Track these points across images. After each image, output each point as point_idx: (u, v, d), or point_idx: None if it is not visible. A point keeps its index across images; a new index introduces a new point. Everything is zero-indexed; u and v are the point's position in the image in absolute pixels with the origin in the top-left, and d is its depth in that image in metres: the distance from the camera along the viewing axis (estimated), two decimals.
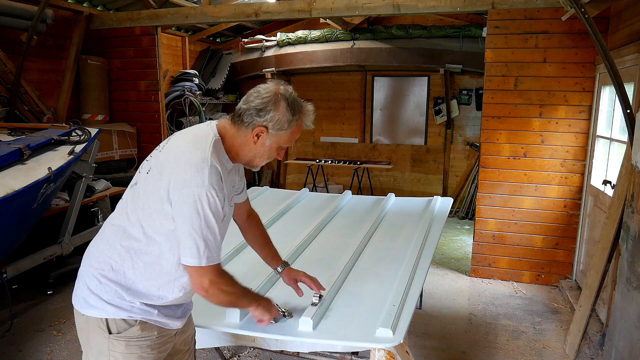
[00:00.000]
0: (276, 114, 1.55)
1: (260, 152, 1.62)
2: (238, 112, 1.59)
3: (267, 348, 2.14)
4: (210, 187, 1.45)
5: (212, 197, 1.46)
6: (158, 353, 1.65)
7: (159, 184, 1.50)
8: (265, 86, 1.59)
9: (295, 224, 3.19)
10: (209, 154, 1.50)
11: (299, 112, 1.59)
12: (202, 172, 1.46)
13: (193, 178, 1.45)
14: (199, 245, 1.47)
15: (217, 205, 1.48)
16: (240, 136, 1.59)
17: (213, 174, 1.47)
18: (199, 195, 1.44)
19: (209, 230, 1.47)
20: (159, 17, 5.42)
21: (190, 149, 1.51)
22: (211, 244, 1.49)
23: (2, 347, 3.39)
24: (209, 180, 1.45)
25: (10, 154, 3.30)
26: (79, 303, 1.61)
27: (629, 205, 2.72)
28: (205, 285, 1.53)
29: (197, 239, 1.47)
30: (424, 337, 3.59)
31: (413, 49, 6.61)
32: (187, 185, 1.45)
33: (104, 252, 1.58)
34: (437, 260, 5.33)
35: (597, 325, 3.59)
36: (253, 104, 1.55)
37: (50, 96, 5.33)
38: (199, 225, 1.46)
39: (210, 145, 1.52)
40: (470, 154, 7.63)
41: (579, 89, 4.32)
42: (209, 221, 1.47)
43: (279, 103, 1.55)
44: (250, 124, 1.56)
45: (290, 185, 8.44)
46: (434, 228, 3.05)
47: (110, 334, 1.56)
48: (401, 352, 1.87)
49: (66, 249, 4.19)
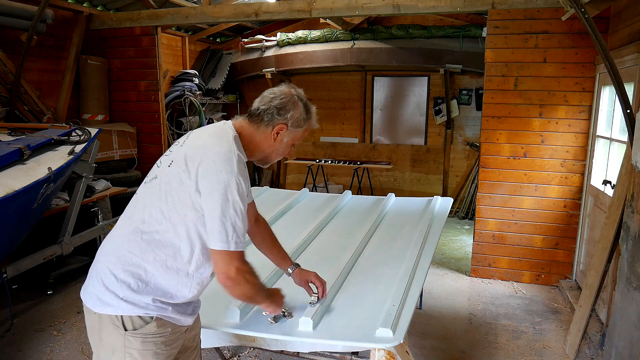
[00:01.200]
0: (295, 112, 1.70)
1: (278, 149, 1.75)
2: (257, 111, 1.70)
3: (267, 348, 2.14)
4: (239, 174, 1.54)
5: (241, 184, 1.54)
6: (171, 349, 1.67)
7: (184, 174, 1.55)
8: (279, 89, 1.73)
9: (295, 224, 3.19)
10: (234, 146, 1.59)
11: (310, 111, 1.77)
12: (231, 160, 1.54)
13: (223, 166, 1.53)
14: (227, 230, 1.52)
15: (244, 192, 1.56)
16: (259, 133, 1.71)
17: (240, 163, 1.57)
18: (228, 182, 1.52)
19: (237, 216, 1.53)
20: (159, 17, 5.42)
21: (217, 141, 1.60)
22: (239, 230, 1.55)
23: (2, 347, 3.39)
24: (237, 168, 1.54)
25: (10, 154, 3.29)
26: (91, 301, 1.60)
27: (629, 205, 2.72)
28: (232, 273, 1.56)
29: (226, 223, 1.52)
30: (424, 337, 3.59)
31: (413, 49, 6.61)
32: (218, 172, 1.52)
33: (123, 247, 1.59)
34: (437, 260, 5.33)
35: (597, 325, 3.59)
36: (273, 104, 1.68)
37: (50, 96, 5.33)
38: (228, 210, 1.52)
39: (232, 139, 1.61)
40: (470, 154, 7.63)
41: (579, 89, 4.32)
42: (237, 207, 1.53)
43: (297, 103, 1.71)
44: (270, 122, 1.69)
45: (290, 185, 8.44)
46: (434, 228, 3.05)
47: (126, 331, 1.57)
48: (401, 352, 1.87)
49: (66, 249, 4.19)
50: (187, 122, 6.96)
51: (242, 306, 1.97)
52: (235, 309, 1.95)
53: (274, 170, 8.70)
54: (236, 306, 1.96)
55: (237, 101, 8.43)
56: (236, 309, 1.94)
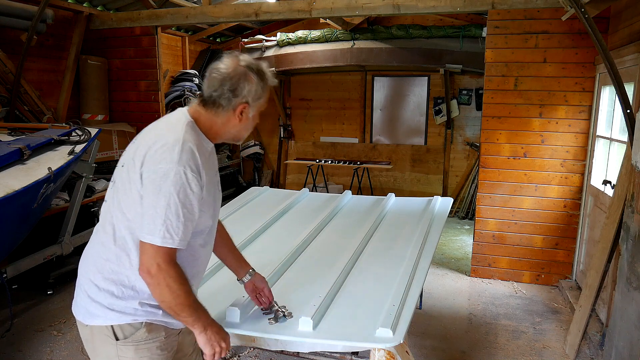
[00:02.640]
0: (252, 86, 1.56)
1: (246, 126, 1.64)
2: (210, 98, 1.56)
3: (267, 348, 2.14)
4: (180, 165, 1.43)
5: (180, 176, 1.42)
6: (167, 353, 1.64)
7: (132, 172, 1.48)
8: (224, 66, 1.55)
9: (295, 224, 3.19)
10: (182, 134, 1.48)
11: (264, 75, 1.60)
12: (173, 150, 1.44)
13: (163, 156, 1.44)
14: (156, 222, 1.42)
15: (187, 186, 1.44)
16: (220, 118, 1.58)
17: (186, 152, 1.45)
18: (166, 172, 1.42)
19: (170, 209, 1.42)
20: (159, 17, 5.42)
21: (162, 133, 1.51)
22: (171, 225, 1.42)
23: (2, 347, 3.39)
24: (179, 158, 1.43)
25: (10, 154, 3.30)
26: (81, 314, 1.58)
27: (629, 205, 2.72)
28: (152, 270, 1.44)
29: (156, 215, 1.42)
30: (424, 337, 3.59)
31: (413, 49, 6.60)
32: (157, 162, 1.44)
33: (101, 256, 1.56)
34: (437, 260, 5.33)
35: (597, 325, 3.59)
36: (225, 87, 1.53)
37: (50, 96, 5.33)
38: (159, 201, 1.42)
39: (183, 126, 1.51)
40: (470, 154, 7.63)
41: (579, 89, 4.32)
42: (171, 199, 1.42)
43: (249, 76, 1.55)
44: (229, 105, 1.56)
45: (290, 185, 8.44)
46: (434, 228, 3.05)
47: (118, 340, 1.54)
48: (401, 352, 1.87)
49: (66, 249, 4.19)
50: None
51: (242, 306, 1.97)
52: (235, 309, 1.95)
53: (274, 170, 8.70)
54: (236, 306, 1.96)
55: None
56: (236, 309, 1.94)
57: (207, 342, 1.58)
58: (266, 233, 3.03)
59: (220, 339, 1.60)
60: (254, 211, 3.45)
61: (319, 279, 2.30)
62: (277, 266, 2.40)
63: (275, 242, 2.87)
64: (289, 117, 8.46)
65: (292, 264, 2.54)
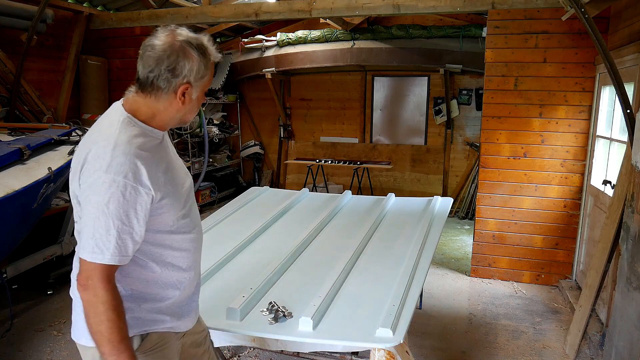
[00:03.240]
0: (193, 64, 1.39)
1: (190, 108, 1.47)
2: (146, 81, 1.38)
3: (267, 348, 2.14)
4: (109, 173, 1.29)
5: (111, 185, 1.29)
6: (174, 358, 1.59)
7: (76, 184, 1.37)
8: (159, 42, 1.37)
9: (295, 224, 3.19)
10: (114, 137, 1.33)
11: (205, 49, 1.43)
12: (103, 157, 1.30)
13: (95, 164, 1.31)
14: (85, 236, 1.31)
15: (119, 195, 1.29)
16: (161, 103, 1.42)
17: (117, 158, 1.30)
18: (94, 182, 1.30)
19: (99, 221, 1.29)
20: (159, 17, 5.42)
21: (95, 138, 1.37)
22: (100, 240, 1.29)
23: (2, 347, 3.39)
24: (107, 165, 1.29)
25: (10, 154, 3.30)
26: (82, 337, 1.46)
27: (629, 205, 2.72)
28: (87, 284, 1.31)
29: (85, 225, 1.31)
30: (424, 337, 3.59)
31: (413, 49, 6.61)
32: (88, 172, 1.32)
33: None
34: (437, 260, 5.33)
35: (597, 325, 3.59)
36: (162, 67, 1.36)
37: (50, 96, 5.33)
38: (90, 212, 1.30)
39: (117, 127, 1.36)
40: (470, 154, 7.63)
41: (579, 89, 4.32)
42: (100, 209, 1.29)
43: (187, 52, 1.38)
44: (169, 87, 1.39)
45: (290, 185, 8.44)
46: (434, 228, 3.05)
47: None
48: (401, 352, 1.87)
49: (66, 249, 4.19)
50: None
51: (242, 306, 1.97)
52: (235, 309, 1.95)
53: (274, 170, 8.70)
54: (236, 306, 1.96)
55: (237, 101, 8.44)
56: (236, 309, 1.94)
57: None
58: (266, 233, 3.03)
59: None
60: (254, 211, 3.45)
61: (319, 279, 2.30)
62: (277, 266, 2.40)
63: (275, 242, 2.87)
64: (289, 117, 8.46)
65: (292, 264, 2.55)
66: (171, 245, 1.50)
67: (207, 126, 7.36)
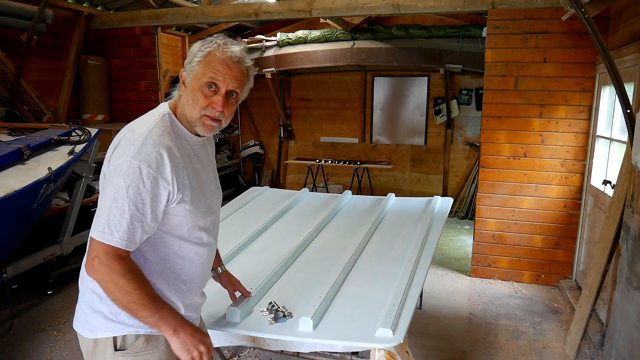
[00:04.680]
0: (190, 52, 1.47)
1: (186, 99, 1.46)
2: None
3: (267, 348, 2.14)
4: (136, 159, 1.32)
5: (135, 170, 1.32)
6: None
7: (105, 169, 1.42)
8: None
9: (295, 224, 3.19)
10: (148, 129, 1.38)
11: (210, 42, 1.46)
12: (133, 143, 1.35)
13: (123, 150, 1.36)
14: (99, 214, 1.34)
15: (140, 182, 1.32)
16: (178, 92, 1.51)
17: (146, 147, 1.34)
18: (120, 165, 1.33)
19: (116, 202, 1.31)
20: (159, 17, 5.42)
21: (132, 127, 1.43)
22: (113, 221, 1.32)
23: (2, 347, 3.39)
24: (136, 152, 1.33)
25: (10, 154, 3.29)
26: (82, 327, 1.52)
27: (629, 205, 2.72)
28: (93, 265, 1.33)
29: (101, 209, 1.34)
30: (424, 337, 3.59)
31: (413, 49, 6.60)
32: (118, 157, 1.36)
33: None
34: (437, 260, 5.33)
35: (597, 325, 3.59)
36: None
37: (50, 96, 5.33)
38: (108, 194, 1.34)
39: (154, 120, 1.42)
40: (470, 154, 7.63)
41: (579, 89, 4.32)
42: (118, 193, 1.32)
43: (195, 44, 1.48)
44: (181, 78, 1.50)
45: (290, 185, 8.44)
46: (434, 228, 3.05)
47: (117, 351, 1.47)
48: (401, 352, 1.87)
49: (66, 249, 4.19)
50: None
51: (242, 306, 1.97)
52: (235, 309, 1.95)
53: (274, 170, 8.70)
54: (236, 306, 1.96)
55: None
56: (236, 309, 1.94)
57: (182, 347, 1.40)
58: (266, 233, 3.03)
59: (197, 342, 1.42)
60: (254, 211, 3.45)
61: (319, 279, 2.30)
62: (278, 266, 2.40)
63: (275, 242, 2.87)
64: (289, 117, 8.46)
65: (292, 264, 2.54)
66: (177, 252, 1.50)
67: None
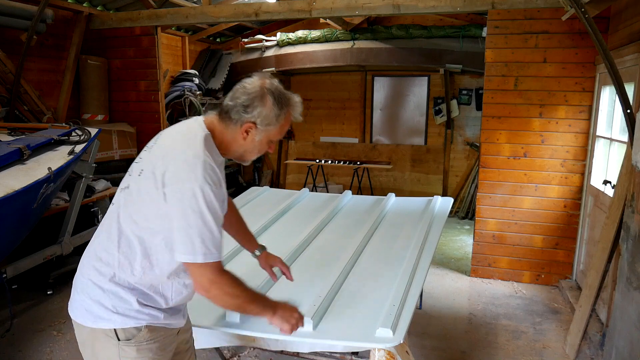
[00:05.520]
0: (263, 110, 1.53)
1: (251, 148, 1.61)
2: (225, 108, 1.56)
3: (267, 348, 2.14)
4: (204, 182, 1.44)
5: (207, 193, 1.44)
6: (167, 353, 1.65)
7: (153, 184, 1.48)
8: (250, 80, 1.56)
9: (295, 224, 3.19)
10: (201, 150, 1.48)
11: (286, 105, 1.58)
12: (196, 167, 1.44)
13: (186, 174, 1.44)
14: (194, 241, 1.44)
15: (213, 200, 1.45)
16: (229, 132, 1.58)
17: (207, 169, 1.46)
18: (193, 191, 1.43)
19: (204, 225, 1.44)
20: (159, 17, 5.42)
21: (181, 146, 1.50)
22: (208, 240, 1.45)
23: (2, 347, 3.39)
24: (202, 175, 1.44)
25: (10, 154, 3.29)
26: (81, 316, 1.56)
27: (629, 205, 2.72)
28: (205, 285, 1.49)
29: (193, 234, 1.44)
30: (424, 337, 3.59)
31: (413, 49, 6.61)
32: (181, 181, 1.44)
33: (101, 259, 1.55)
34: (437, 260, 5.33)
35: (597, 325, 3.59)
36: (239, 101, 1.53)
37: (50, 96, 5.33)
38: (194, 220, 1.44)
39: (201, 141, 1.50)
40: (470, 154, 7.63)
41: (579, 89, 4.32)
42: (204, 217, 1.44)
43: (266, 98, 1.53)
44: (238, 120, 1.55)
45: (290, 185, 8.44)
46: (434, 228, 3.05)
47: (120, 341, 1.54)
48: (401, 352, 1.87)
49: (66, 249, 4.19)
50: None
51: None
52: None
53: (274, 170, 8.70)
54: None
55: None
56: None
57: (282, 321, 1.67)
58: (266, 233, 3.03)
59: (292, 313, 1.70)
60: (254, 211, 3.45)
61: (319, 279, 2.30)
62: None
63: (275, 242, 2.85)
64: None
65: (292, 263, 2.54)
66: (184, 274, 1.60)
67: None
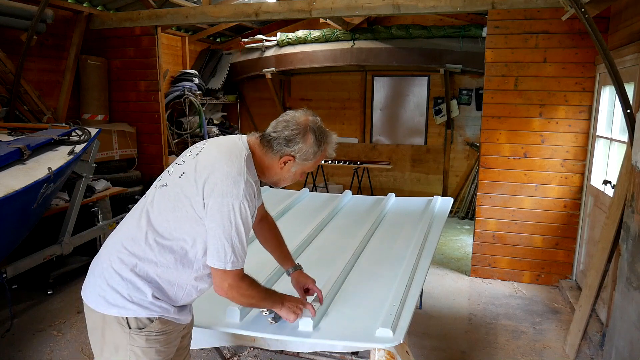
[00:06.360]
0: (304, 146, 1.67)
1: (286, 177, 1.76)
2: (267, 137, 1.68)
3: (267, 348, 2.14)
4: (244, 198, 1.56)
5: (244, 208, 1.57)
6: (172, 347, 1.71)
7: (194, 190, 1.58)
8: (294, 115, 1.69)
9: (295, 224, 3.19)
10: (244, 169, 1.60)
11: (324, 143, 1.72)
12: (239, 184, 1.56)
13: (230, 189, 1.55)
14: (226, 251, 1.56)
15: (248, 216, 1.59)
16: (267, 159, 1.70)
17: (248, 187, 1.58)
18: (233, 205, 1.55)
19: (237, 237, 1.57)
20: (159, 17, 5.42)
21: (227, 161, 1.60)
22: (238, 251, 1.58)
23: (2, 347, 3.39)
24: (243, 192, 1.56)
25: (10, 154, 3.29)
26: (95, 301, 1.62)
27: (629, 205, 2.72)
28: (225, 288, 1.63)
29: (226, 244, 1.56)
30: (424, 337, 3.59)
31: (413, 49, 6.61)
32: (224, 195, 1.54)
33: (127, 248, 1.61)
34: (437, 260, 5.33)
35: (597, 325, 3.59)
36: (283, 134, 1.65)
37: (50, 96, 5.33)
38: (229, 232, 1.55)
39: (244, 159, 1.62)
40: (470, 154, 7.63)
41: (579, 89, 4.32)
42: (238, 229, 1.57)
43: (308, 136, 1.67)
44: (278, 151, 1.67)
45: (290, 185, 8.42)
46: (434, 228, 3.05)
47: (131, 329, 1.60)
48: (401, 352, 1.87)
49: (66, 249, 4.19)
50: (187, 122, 6.96)
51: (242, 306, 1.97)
52: (235, 309, 1.95)
53: None
54: (236, 306, 1.96)
55: (237, 101, 8.44)
56: (236, 309, 1.95)
57: (288, 312, 1.86)
58: None
59: (296, 304, 1.89)
60: None
61: (318, 279, 2.29)
62: (277, 266, 2.39)
63: None
64: None
65: None
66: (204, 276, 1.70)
67: (207, 126, 7.36)
